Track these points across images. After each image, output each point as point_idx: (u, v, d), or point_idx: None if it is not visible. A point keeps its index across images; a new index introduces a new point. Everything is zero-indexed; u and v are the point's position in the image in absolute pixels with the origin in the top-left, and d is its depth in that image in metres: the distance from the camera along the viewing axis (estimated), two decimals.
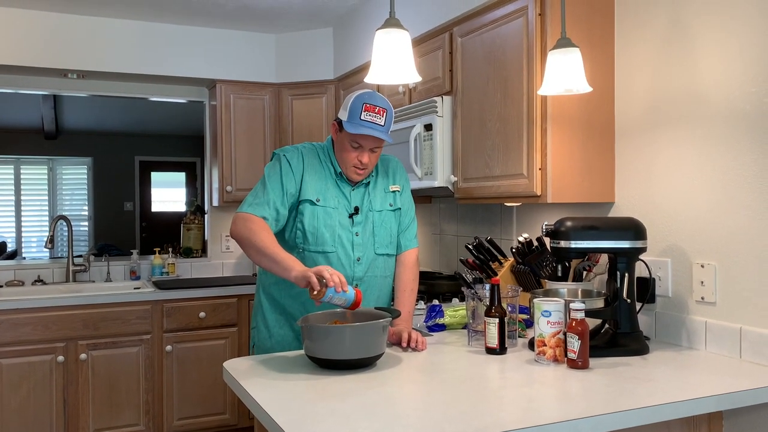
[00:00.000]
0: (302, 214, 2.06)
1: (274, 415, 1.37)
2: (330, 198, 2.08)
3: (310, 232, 2.06)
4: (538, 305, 1.81)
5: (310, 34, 4.06)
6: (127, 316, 3.43)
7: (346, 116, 2.01)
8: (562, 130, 2.21)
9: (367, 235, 2.11)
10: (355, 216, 2.10)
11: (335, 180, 2.11)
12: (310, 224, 2.06)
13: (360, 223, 2.11)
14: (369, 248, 2.11)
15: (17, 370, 3.22)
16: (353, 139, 2.02)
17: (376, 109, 1.99)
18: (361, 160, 2.04)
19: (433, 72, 2.83)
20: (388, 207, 2.16)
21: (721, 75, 1.91)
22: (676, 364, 1.79)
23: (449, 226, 3.41)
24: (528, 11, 2.23)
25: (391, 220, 2.17)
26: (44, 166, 8.96)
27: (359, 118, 1.98)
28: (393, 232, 2.18)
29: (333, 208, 2.08)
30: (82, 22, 3.71)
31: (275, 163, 2.10)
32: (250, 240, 1.95)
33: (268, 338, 2.17)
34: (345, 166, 2.08)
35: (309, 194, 2.06)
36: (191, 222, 4.41)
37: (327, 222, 2.06)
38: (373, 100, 2.00)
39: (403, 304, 2.16)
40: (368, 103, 1.98)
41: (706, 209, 1.96)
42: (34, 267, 3.89)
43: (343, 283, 1.76)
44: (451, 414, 1.37)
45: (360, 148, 2.03)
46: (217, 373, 3.62)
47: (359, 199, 2.13)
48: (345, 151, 2.05)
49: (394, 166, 2.25)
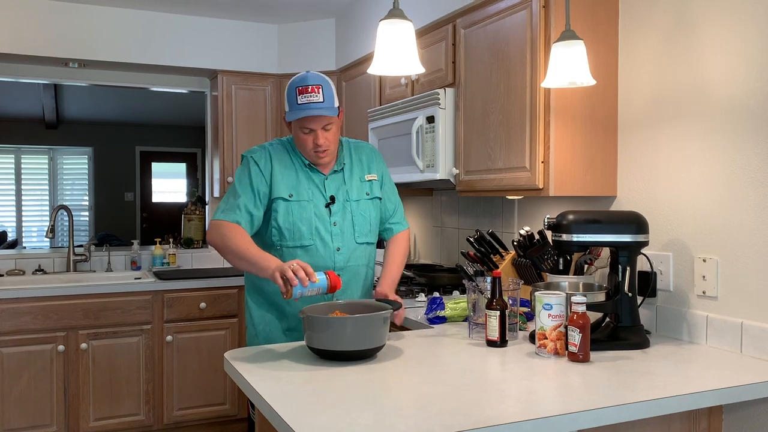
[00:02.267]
0: (276, 211, 2.07)
1: (275, 406, 1.37)
2: (303, 191, 2.09)
3: (286, 228, 2.07)
4: (539, 298, 1.81)
5: (312, 25, 4.04)
6: (128, 306, 3.44)
7: (287, 106, 2.04)
8: (565, 123, 2.20)
9: (346, 225, 2.12)
10: (332, 205, 2.11)
11: (307, 172, 2.11)
12: (285, 220, 2.06)
13: (338, 212, 2.11)
14: (349, 238, 2.12)
15: (18, 359, 3.23)
16: (300, 126, 2.03)
17: (309, 89, 1.99)
18: (317, 142, 2.04)
19: (435, 64, 2.82)
20: (365, 196, 2.17)
21: (724, 70, 1.90)
22: (677, 358, 1.79)
23: (450, 219, 3.41)
24: (532, 3, 2.22)
25: (369, 208, 2.17)
26: (45, 156, 8.96)
27: (297, 104, 2.00)
28: (373, 221, 2.19)
29: (307, 201, 2.08)
30: (84, 11, 3.70)
31: (243, 166, 2.11)
32: (226, 245, 1.98)
33: (255, 336, 2.17)
34: (306, 153, 2.09)
35: (281, 191, 2.07)
36: (192, 212, 4.40)
37: (302, 216, 2.07)
38: (303, 82, 2.01)
39: (390, 271, 2.20)
40: (300, 86, 2.00)
41: (709, 203, 1.96)
42: (34, 256, 3.89)
43: (309, 274, 1.77)
44: (451, 406, 1.37)
45: (311, 132, 2.04)
46: (217, 364, 3.62)
47: (335, 189, 2.13)
48: (300, 140, 2.07)
49: (368, 154, 2.24)
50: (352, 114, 3.70)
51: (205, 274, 3.75)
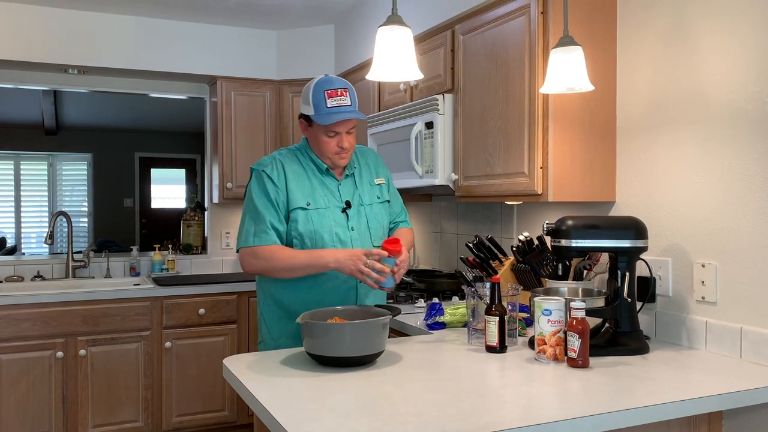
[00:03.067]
0: (296, 221, 2.05)
1: (274, 412, 1.37)
2: (319, 198, 2.08)
3: (308, 237, 2.05)
4: (538, 304, 1.81)
5: (311, 31, 4.05)
6: (127, 313, 3.43)
7: (312, 110, 2.01)
8: (564, 128, 2.21)
9: (362, 229, 2.12)
10: (348, 210, 2.10)
11: (320, 179, 2.10)
12: (306, 229, 2.05)
13: (354, 217, 2.11)
14: (366, 241, 2.12)
15: (16, 365, 3.22)
16: (328, 129, 2.02)
17: (338, 92, 1.99)
18: (341, 145, 2.04)
19: (434, 70, 2.82)
20: (376, 200, 2.18)
21: (723, 74, 1.91)
22: (677, 364, 1.79)
23: (449, 225, 3.41)
24: (530, 9, 2.23)
25: (381, 212, 2.18)
26: (44, 162, 8.96)
27: (326, 107, 1.98)
28: (384, 224, 2.20)
29: (324, 208, 2.07)
30: (83, 17, 3.71)
31: (258, 181, 2.07)
32: (272, 267, 2.00)
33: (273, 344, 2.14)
34: (326, 156, 2.07)
35: (298, 201, 2.05)
36: (191, 218, 4.40)
37: (322, 223, 2.06)
38: (332, 85, 2.00)
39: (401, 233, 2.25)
40: (328, 89, 1.99)
41: (708, 209, 1.96)
42: (33, 263, 3.89)
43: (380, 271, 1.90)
44: (450, 412, 1.37)
45: (337, 135, 2.03)
46: (216, 370, 3.62)
47: (349, 194, 2.13)
48: (322, 144, 2.05)
49: (374, 159, 2.26)
50: None
51: (204, 281, 3.75)
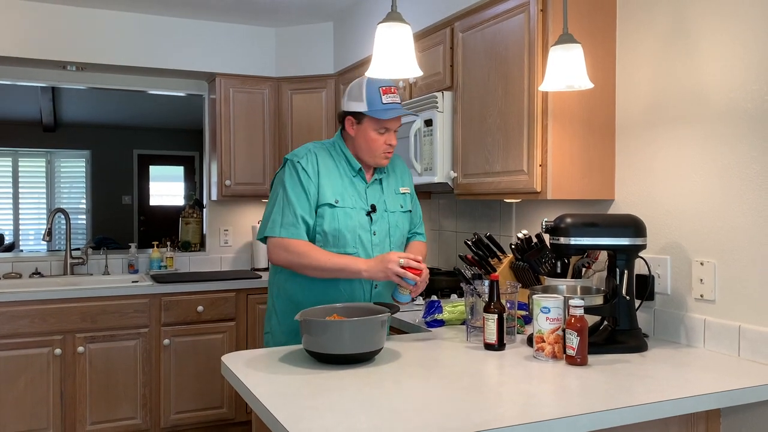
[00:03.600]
0: (322, 217, 2.04)
1: (272, 410, 1.37)
2: (347, 197, 2.07)
3: (332, 234, 2.04)
4: (537, 301, 1.81)
5: (310, 28, 4.04)
6: (125, 310, 3.43)
7: (366, 106, 2.02)
8: (563, 126, 2.21)
9: (383, 236, 2.12)
10: (373, 214, 2.10)
11: (351, 178, 2.10)
12: (331, 226, 2.04)
13: (377, 221, 2.11)
14: (385, 248, 2.11)
15: (14, 362, 3.22)
16: (381, 126, 2.03)
17: (392, 89, 2.03)
18: (390, 142, 2.06)
19: (433, 67, 2.82)
20: (399, 208, 2.18)
21: (722, 73, 1.91)
22: (675, 362, 1.79)
23: (448, 222, 3.41)
24: (530, 7, 2.23)
25: (403, 221, 2.19)
26: (42, 159, 8.94)
27: (383, 103, 2.00)
28: (404, 232, 2.21)
29: (351, 208, 2.06)
30: (82, 14, 3.70)
31: (291, 171, 2.05)
32: (304, 265, 1.99)
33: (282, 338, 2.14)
34: (373, 154, 2.07)
35: (327, 197, 2.04)
36: (190, 216, 4.40)
37: (347, 223, 2.05)
38: (385, 83, 2.04)
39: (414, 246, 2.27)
40: (383, 86, 2.03)
41: (706, 207, 1.96)
42: (31, 260, 3.88)
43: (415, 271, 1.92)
44: (449, 409, 1.37)
45: (387, 132, 2.05)
46: (214, 367, 3.62)
47: (375, 198, 2.12)
48: (371, 141, 2.05)
49: (401, 167, 2.26)
50: None
51: (202, 278, 3.74)
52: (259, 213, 4.41)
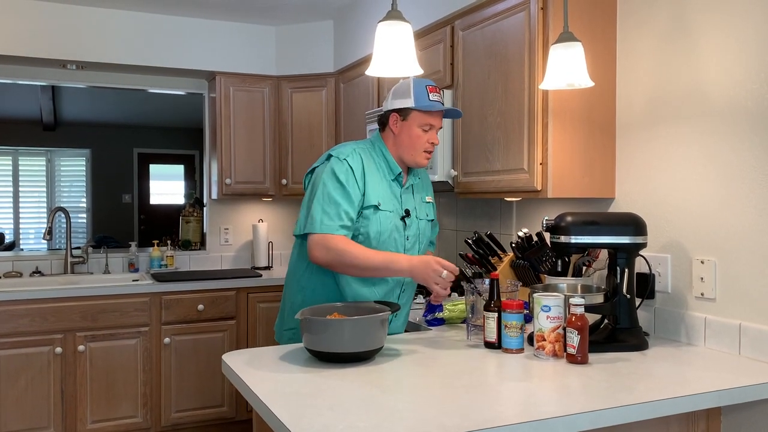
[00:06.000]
0: (367, 219, 2.00)
1: (273, 408, 1.37)
2: (387, 201, 2.05)
3: (375, 238, 2.01)
4: (537, 300, 1.81)
5: (310, 27, 4.04)
6: (126, 308, 3.43)
7: (413, 102, 2.01)
8: (563, 124, 2.20)
9: (413, 241, 2.12)
10: (407, 219, 2.09)
11: (389, 181, 2.08)
12: (375, 230, 2.01)
13: (410, 226, 2.11)
14: (415, 254, 2.11)
15: (15, 361, 3.22)
16: (425, 122, 2.03)
17: (436, 89, 2.05)
18: (433, 141, 2.06)
19: (434, 65, 2.82)
20: (426, 216, 2.18)
21: (722, 71, 1.90)
22: (675, 360, 1.79)
23: (449, 221, 3.41)
24: (530, 5, 2.22)
25: (428, 229, 2.20)
26: (42, 158, 8.93)
27: (429, 100, 2.01)
28: (427, 241, 2.22)
29: (390, 212, 2.05)
30: (82, 12, 3.69)
31: (338, 169, 1.98)
32: (345, 264, 1.94)
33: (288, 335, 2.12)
34: (415, 153, 2.05)
35: (371, 199, 2.01)
36: (190, 214, 4.40)
37: (387, 227, 2.04)
38: (429, 82, 2.05)
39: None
40: (429, 85, 2.04)
41: (707, 205, 1.96)
42: (32, 258, 3.88)
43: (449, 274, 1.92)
44: (449, 408, 1.37)
45: (431, 129, 2.05)
46: (215, 366, 3.62)
47: (408, 203, 2.12)
48: (415, 137, 2.04)
49: (426, 177, 2.27)
50: (350, 116, 3.70)
51: (203, 276, 3.74)
52: (259, 211, 4.41)
